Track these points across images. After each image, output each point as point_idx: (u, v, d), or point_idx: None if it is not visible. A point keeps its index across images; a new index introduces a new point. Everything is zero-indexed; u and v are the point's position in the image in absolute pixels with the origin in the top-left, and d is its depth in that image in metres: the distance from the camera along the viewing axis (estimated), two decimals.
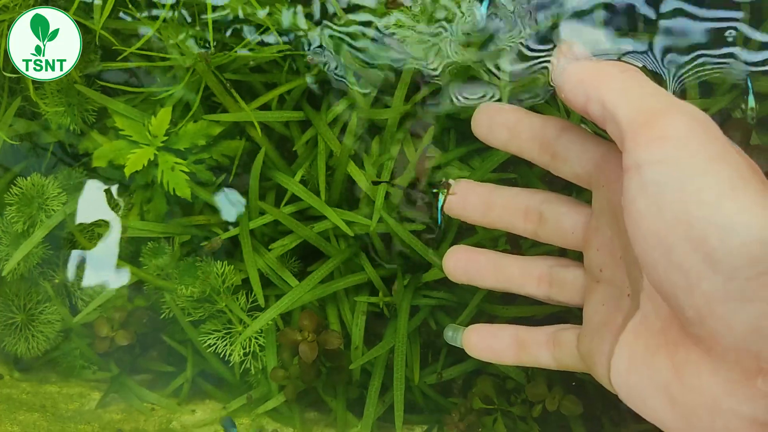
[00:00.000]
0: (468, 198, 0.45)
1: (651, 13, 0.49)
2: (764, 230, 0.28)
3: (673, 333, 0.33)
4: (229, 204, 0.59)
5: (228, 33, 0.56)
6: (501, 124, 0.42)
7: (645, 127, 0.31)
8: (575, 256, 0.44)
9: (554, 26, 0.50)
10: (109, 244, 0.60)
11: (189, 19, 0.57)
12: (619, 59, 0.48)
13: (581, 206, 0.42)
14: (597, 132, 0.44)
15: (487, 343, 0.45)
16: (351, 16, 0.55)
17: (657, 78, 0.47)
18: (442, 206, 0.45)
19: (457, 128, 0.56)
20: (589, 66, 0.35)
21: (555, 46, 0.45)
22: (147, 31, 0.55)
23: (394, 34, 0.53)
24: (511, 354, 0.44)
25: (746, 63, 0.47)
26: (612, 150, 0.39)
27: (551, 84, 0.42)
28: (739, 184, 0.29)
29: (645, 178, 0.31)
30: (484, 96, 0.53)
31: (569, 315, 0.45)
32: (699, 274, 0.30)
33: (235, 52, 0.55)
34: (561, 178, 0.42)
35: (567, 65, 0.36)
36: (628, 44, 0.48)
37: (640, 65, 0.47)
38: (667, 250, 0.31)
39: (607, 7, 0.50)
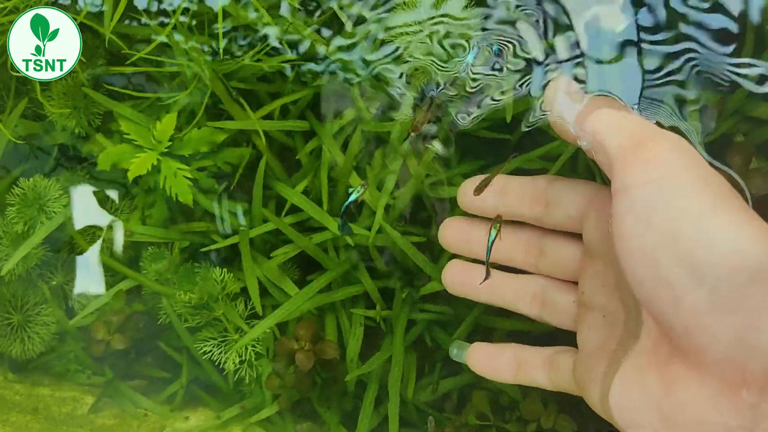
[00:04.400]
0: (471, 232, 0.46)
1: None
2: (743, 242, 0.30)
3: (663, 352, 0.34)
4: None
5: (236, 42, 0.57)
6: (488, 190, 0.44)
7: (632, 152, 0.34)
8: None
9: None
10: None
11: (198, 27, 0.57)
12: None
13: (578, 239, 0.43)
14: None
15: (489, 361, 0.47)
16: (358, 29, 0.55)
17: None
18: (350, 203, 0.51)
19: (460, 144, 0.56)
20: (581, 100, 0.38)
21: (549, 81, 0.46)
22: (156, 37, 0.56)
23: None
24: (510, 373, 0.46)
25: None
26: (601, 188, 0.41)
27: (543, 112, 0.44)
28: (719, 202, 0.32)
29: (633, 198, 0.33)
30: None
31: (564, 331, 0.45)
32: (685, 287, 0.31)
33: (242, 60, 0.55)
34: None
35: (560, 99, 0.39)
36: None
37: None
38: (655, 266, 0.32)
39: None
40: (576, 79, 0.49)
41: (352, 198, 0.51)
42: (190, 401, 0.61)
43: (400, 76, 0.54)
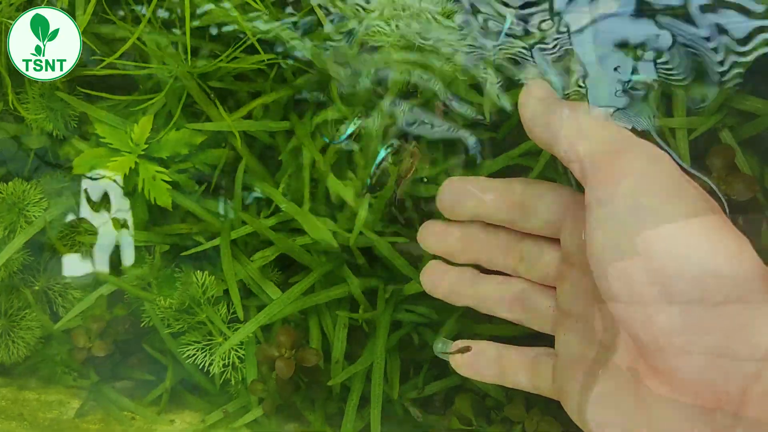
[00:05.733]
0: (448, 235, 0.45)
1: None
2: (717, 263, 0.29)
3: (639, 367, 0.34)
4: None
5: (213, 41, 0.56)
6: (467, 193, 0.43)
7: (606, 164, 0.33)
8: None
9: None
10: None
11: (173, 26, 0.56)
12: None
13: (557, 244, 0.43)
14: None
15: (471, 360, 0.45)
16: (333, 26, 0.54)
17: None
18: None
19: (444, 141, 0.55)
20: (556, 107, 0.37)
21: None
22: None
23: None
24: (492, 374, 0.45)
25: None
26: (577, 194, 0.40)
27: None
28: (693, 219, 0.31)
29: (605, 212, 0.32)
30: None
31: (548, 336, 0.44)
32: (657, 305, 0.31)
33: (220, 61, 0.54)
34: None
35: (535, 105, 0.37)
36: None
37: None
38: (627, 283, 0.32)
39: None
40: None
41: (349, 131, 0.52)
42: (176, 403, 0.61)
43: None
